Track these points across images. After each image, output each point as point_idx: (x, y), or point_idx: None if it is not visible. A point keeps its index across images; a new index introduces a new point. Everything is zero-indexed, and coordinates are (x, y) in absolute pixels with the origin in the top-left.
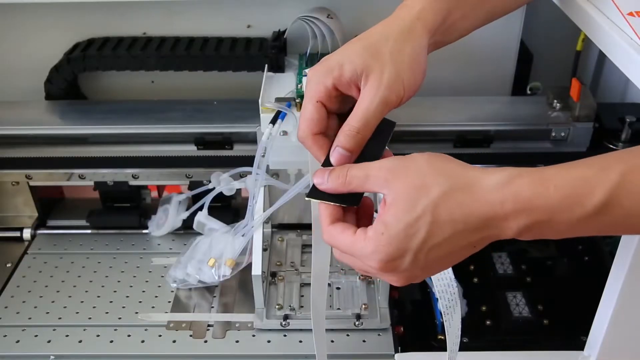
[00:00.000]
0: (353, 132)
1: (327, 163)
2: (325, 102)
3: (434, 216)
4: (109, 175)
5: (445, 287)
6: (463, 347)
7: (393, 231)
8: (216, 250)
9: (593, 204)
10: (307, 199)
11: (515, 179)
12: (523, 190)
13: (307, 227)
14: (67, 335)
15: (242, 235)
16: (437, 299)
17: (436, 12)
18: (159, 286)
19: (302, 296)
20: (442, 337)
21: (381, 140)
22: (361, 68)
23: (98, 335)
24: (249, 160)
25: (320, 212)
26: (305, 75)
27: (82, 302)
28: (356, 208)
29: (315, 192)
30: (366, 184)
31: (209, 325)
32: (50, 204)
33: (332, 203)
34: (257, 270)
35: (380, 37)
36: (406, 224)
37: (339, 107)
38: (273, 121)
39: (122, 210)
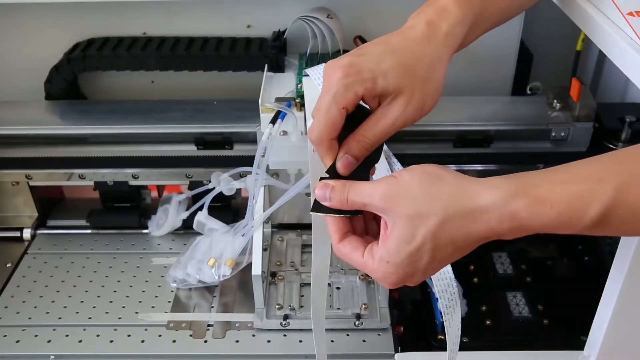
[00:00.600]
0: (368, 144)
1: (332, 167)
2: (349, 110)
3: (435, 242)
4: (109, 175)
5: (445, 287)
6: (463, 347)
7: (397, 260)
8: (216, 250)
9: (589, 219)
10: (311, 213)
11: (511, 200)
12: (519, 211)
13: (307, 227)
14: (67, 335)
15: (242, 235)
16: (437, 299)
17: (458, 37)
18: (159, 286)
19: (302, 296)
20: (442, 337)
21: (377, 150)
22: (393, 88)
23: (98, 335)
24: (249, 160)
25: (328, 226)
26: (306, 75)
27: (82, 302)
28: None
29: (318, 206)
30: (366, 207)
31: (209, 325)
32: (50, 204)
33: (337, 215)
34: (257, 270)
35: (414, 57)
36: (408, 253)
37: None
38: (273, 121)
39: (122, 210)
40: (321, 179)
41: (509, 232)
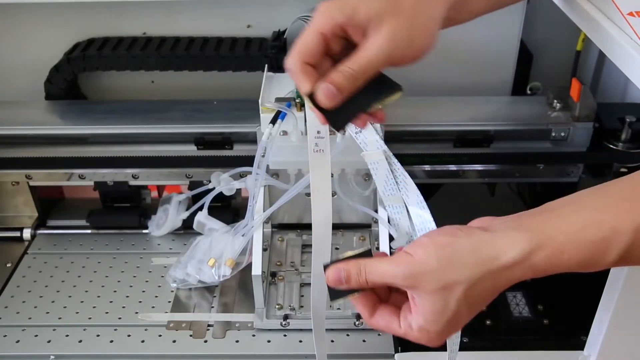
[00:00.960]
0: (349, 73)
1: (311, 99)
2: (329, 38)
3: (467, 304)
4: (109, 175)
5: None
6: (463, 347)
7: (438, 328)
8: (216, 250)
9: (607, 263)
10: (332, 301)
11: (530, 255)
12: (539, 264)
13: (307, 227)
14: (67, 335)
15: (242, 235)
16: None
17: None
18: (159, 286)
19: (302, 296)
20: None
21: (373, 95)
22: (376, 14)
23: (98, 335)
24: (249, 160)
25: (355, 304)
26: None
27: (82, 302)
28: None
29: (335, 292)
30: (389, 285)
31: (209, 325)
32: (50, 204)
33: (357, 293)
34: (257, 270)
35: None
36: (447, 321)
37: (336, 50)
38: (273, 121)
39: (122, 210)
40: (326, 266)
41: (531, 277)
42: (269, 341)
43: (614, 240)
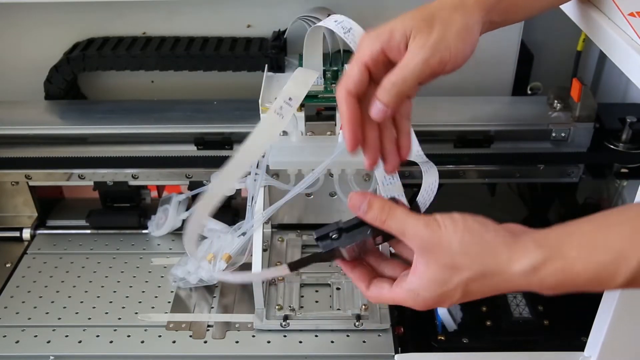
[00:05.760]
0: (393, 89)
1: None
2: (371, 67)
3: (465, 290)
4: (108, 175)
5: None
6: (463, 348)
7: (427, 295)
8: (215, 247)
9: (615, 285)
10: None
11: (541, 268)
12: (548, 279)
13: (307, 227)
14: (66, 336)
15: (242, 235)
16: None
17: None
18: (159, 286)
19: (302, 296)
20: (442, 338)
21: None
22: (410, 29)
23: (98, 336)
24: None
25: (354, 279)
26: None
27: (81, 302)
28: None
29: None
30: (402, 237)
31: (208, 326)
32: (50, 204)
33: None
34: (257, 270)
35: (434, 7)
36: (439, 293)
37: (383, 75)
38: None
39: (122, 210)
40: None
41: (539, 290)
42: (268, 342)
43: (622, 267)
